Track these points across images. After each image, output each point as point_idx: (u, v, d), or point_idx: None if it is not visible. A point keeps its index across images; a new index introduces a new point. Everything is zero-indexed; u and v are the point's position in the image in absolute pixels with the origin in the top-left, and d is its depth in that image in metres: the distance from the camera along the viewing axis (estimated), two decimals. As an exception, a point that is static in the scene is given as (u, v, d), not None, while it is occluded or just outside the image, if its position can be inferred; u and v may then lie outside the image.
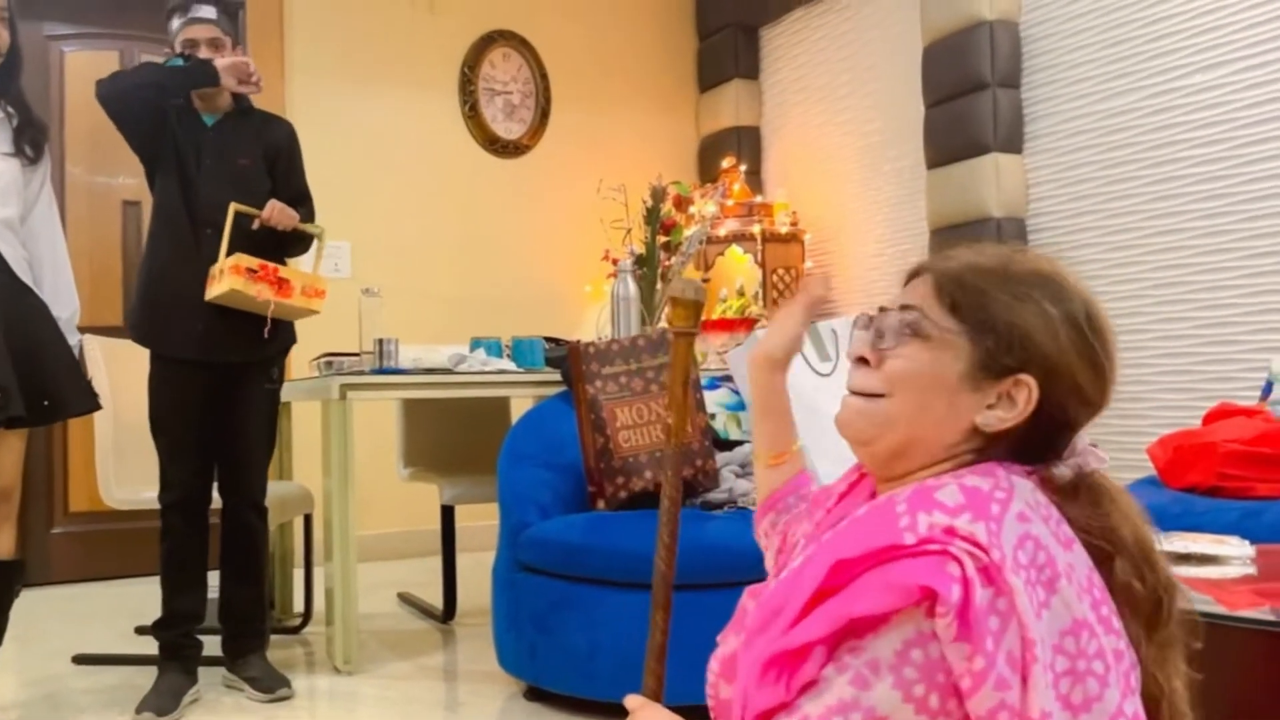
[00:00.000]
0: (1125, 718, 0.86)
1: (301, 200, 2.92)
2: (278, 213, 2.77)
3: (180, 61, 2.75)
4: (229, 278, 2.63)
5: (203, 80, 2.73)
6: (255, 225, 2.75)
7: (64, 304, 2.58)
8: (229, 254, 2.66)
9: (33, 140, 2.54)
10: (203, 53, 2.77)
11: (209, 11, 2.80)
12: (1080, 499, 0.95)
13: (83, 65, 4.54)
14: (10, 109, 2.53)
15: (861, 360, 1.01)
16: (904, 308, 1.00)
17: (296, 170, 2.96)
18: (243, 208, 2.72)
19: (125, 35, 4.63)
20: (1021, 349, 0.94)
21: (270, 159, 2.88)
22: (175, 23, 2.82)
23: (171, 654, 2.74)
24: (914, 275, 1.03)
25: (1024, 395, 0.94)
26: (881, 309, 1.02)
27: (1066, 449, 0.98)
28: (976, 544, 0.84)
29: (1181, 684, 0.94)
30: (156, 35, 4.64)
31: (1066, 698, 0.84)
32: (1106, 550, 0.94)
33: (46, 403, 2.41)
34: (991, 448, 0.96)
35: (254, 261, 2.68)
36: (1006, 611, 0.82)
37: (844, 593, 0.86)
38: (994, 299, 0.95)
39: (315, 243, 2.92)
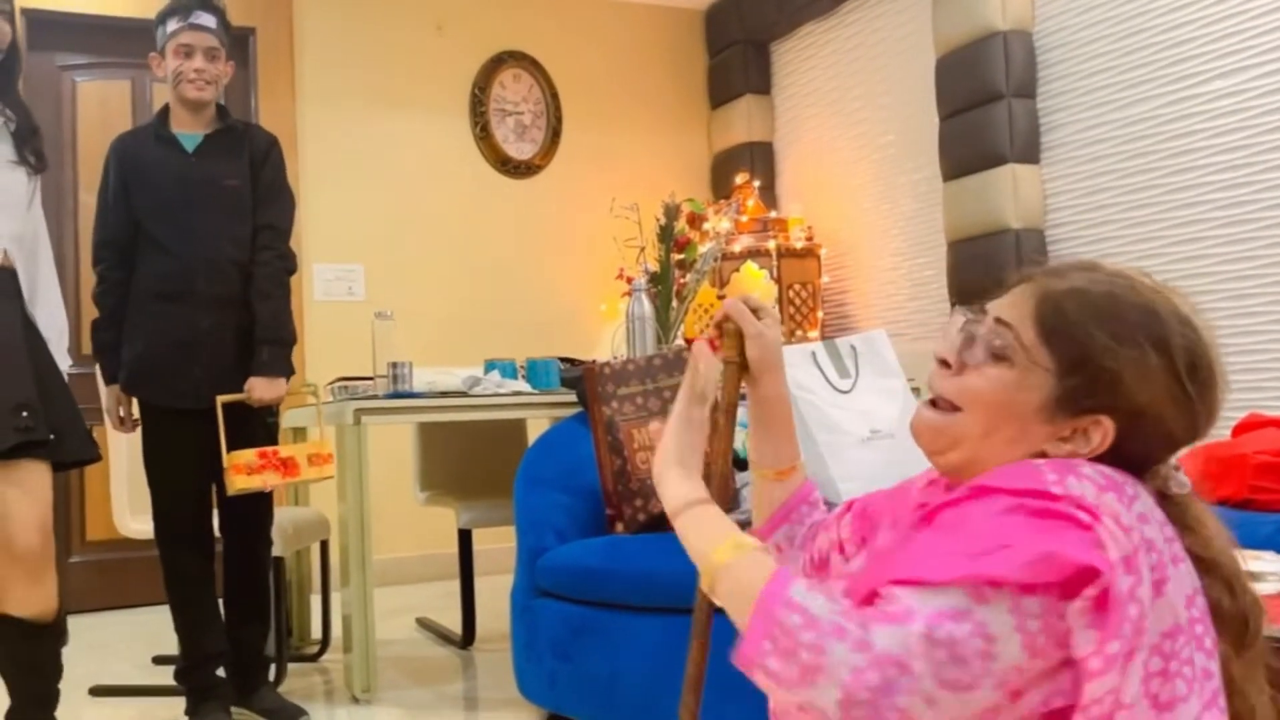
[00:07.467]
0: None
1: (274, 233, 2.70)
2: (260, 388, 2.61)
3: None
4: (232, 478, 2.55)
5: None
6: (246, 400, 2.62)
7: (55, 321, 2.38)
8: (227, 444, 2.55)
9: (35, 148, 2.31)
10: (198, 59, 2.63)
11: (210, 20, 2.65)
12: (1169, 518, 0.94)
13: (95, 94, 4.56)
14: (9, 113, 2.28)
15: (943, 362, 0.99)
16: (999, 322, 0.96)
17: (275, 191, 2.74)
18: (229, 397, 2.58)
19: (137, 64, 4.62)
20: (1108, 394, 0.91)
21: (255, 170, 2.70)
22: (172, 24, 2.64)
23: (205, 695, 2.68)
24: (1020, 281, 0.99)
25: (1099, 435, 0.92)
26: (982, 310, 0.99)
27: (1149, 474, 0.96)
28: (1120, 525, 0.83)
29: (1266, 700, 0.94)
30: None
31: (1155, 695, 0.83)
32: (1198, 569, 0.93)
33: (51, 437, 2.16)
34: None
35: (251, 454, 2.58)
36: (1141, 599, 0.82)
37: (989, 542, 0.82)
38: (1092, 337, 0.91)
39: (313, 398, 2.91)
